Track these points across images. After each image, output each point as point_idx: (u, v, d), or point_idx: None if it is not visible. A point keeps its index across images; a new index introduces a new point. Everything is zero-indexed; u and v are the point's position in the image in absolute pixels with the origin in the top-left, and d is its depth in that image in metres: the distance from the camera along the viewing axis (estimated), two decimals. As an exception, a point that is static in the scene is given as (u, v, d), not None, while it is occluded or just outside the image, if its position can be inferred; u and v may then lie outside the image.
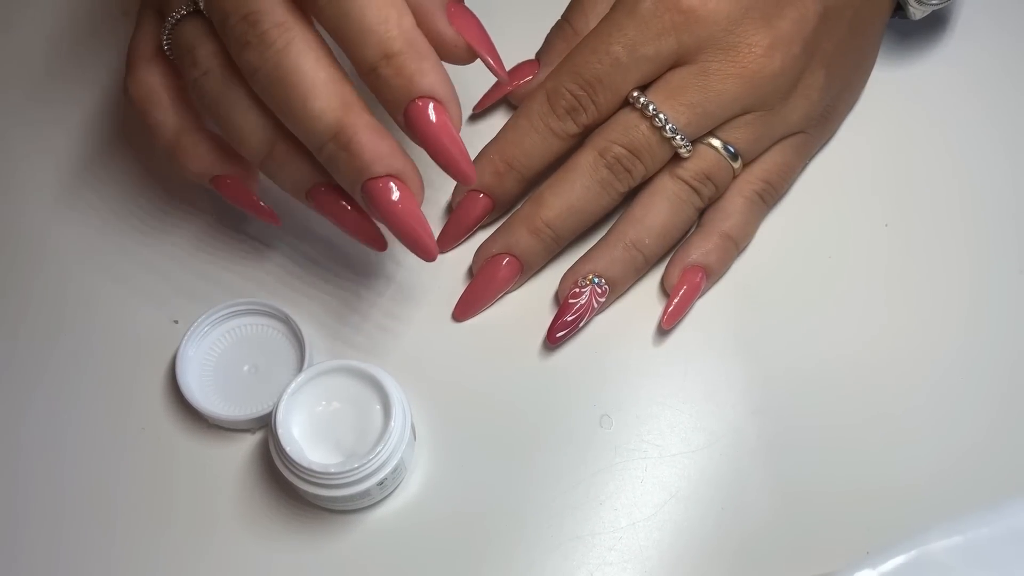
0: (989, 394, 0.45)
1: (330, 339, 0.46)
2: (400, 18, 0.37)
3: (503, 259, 0.45)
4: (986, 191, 0.49)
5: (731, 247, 0.46)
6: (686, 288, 0.45)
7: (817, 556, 0.42)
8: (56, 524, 0.43)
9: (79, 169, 0.49)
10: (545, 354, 0.46)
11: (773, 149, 0.46)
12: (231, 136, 0.40)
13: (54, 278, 0.47)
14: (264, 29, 0.36)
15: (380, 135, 0.38)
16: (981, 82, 0.51)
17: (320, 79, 0.37)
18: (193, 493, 0.43)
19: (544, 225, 0.45)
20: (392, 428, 0.40)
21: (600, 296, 0.45)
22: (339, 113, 0.37)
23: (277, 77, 0.37)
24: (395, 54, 0.37)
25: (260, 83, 0.38)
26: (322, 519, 0.43)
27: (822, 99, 0.46)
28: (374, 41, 0.37)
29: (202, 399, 0.43)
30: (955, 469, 0.44)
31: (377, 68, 0.37)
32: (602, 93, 0.44)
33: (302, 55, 0.37)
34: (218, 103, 0.39)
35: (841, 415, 0.45)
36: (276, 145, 0.39)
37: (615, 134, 0.44)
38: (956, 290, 0.47)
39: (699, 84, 0.44)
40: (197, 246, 0.48)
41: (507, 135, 0.46)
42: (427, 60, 0.38)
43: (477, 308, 0.46)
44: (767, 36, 0.44)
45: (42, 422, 0.45)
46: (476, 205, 0.46)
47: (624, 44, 0.44)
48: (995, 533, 0.33)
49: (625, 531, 0.43)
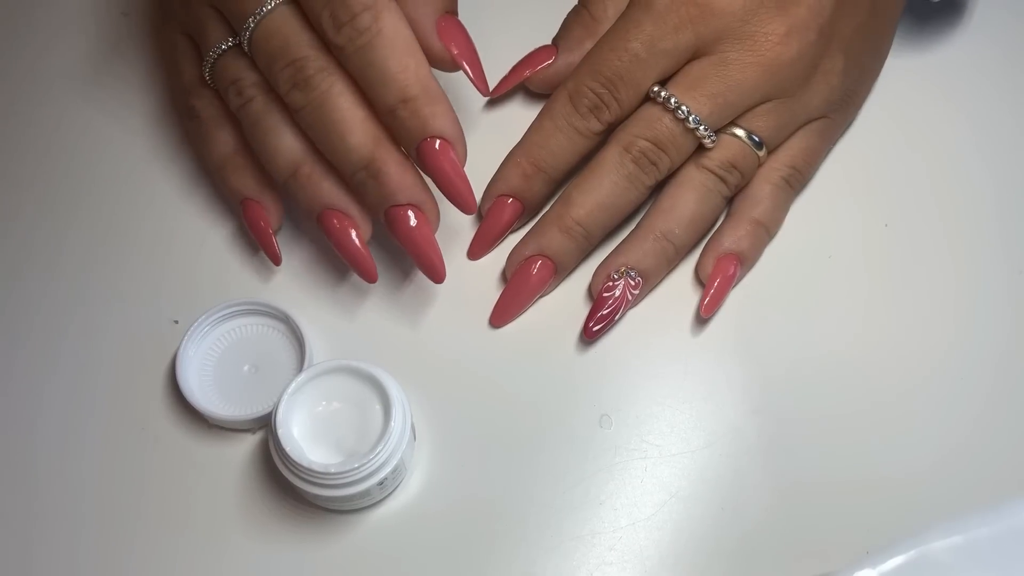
0: (989, 394, 0.45)
1: (330, 339, 0.46)
2: (417, 67, 0.42)
3: (536, 262, 0.46)
4: (986, 191, 0.49)
5: (763, 233, 0.46)
6: (721, 277, 0.45)
7: (817, 556, 0.42)
8: (56, 523, 0.43)
9: (79, 169, 0.49)
10: (545, 354, 0.46)
11: (797, 135, 0.47)
12: (264, 155, 0.44)
13: (54, 278, 0.47)
14: (309, 74, 0.42)
15: (406, 168, 0.43)
16: (981, 82, 0.51)
17: (357, 117, 0.42)
18: (193, 493, 0.43)
19: (575, 224, 0.45)
20: (392, 428, 0.40)
21: (634, 288, 0.45)
22: (372, 147, 0.42)
23: (321, 115, 0.42)
24: (411, 99, 0.42)
25: (305, 119, 0.42)
26: (322, 519, 0.43)
27: (842, 83, 0.47)
28: (395, 87, 0.41)
29: (202, 399, 0.43)
30: (955, 469, 0.44)
31: (395, 110, 0.42)
32: (623, 89, 0.45)
33: (341, 96, 0.42)
34: (257, 126, 0.44)
35: (841, 415, 0.45)
36: (301, 167, 0.43)
37: (639, 128, 0.45)
38: (956, 290, 0.47)
39: (719, 74, 0.44)
40: (197, 246, 0.48)
41: (532, 137, 0.46)
42: (439, 104, 0.42)
43: (514, 313, 0.46)
44: (783, 24, 0.44)
45: (42, 422, 0.45)
46: (505, 210, 0.47)
47: (642, 40, 0.44)
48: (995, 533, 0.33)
49: (625, 531, 0.43)
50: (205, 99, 0.46)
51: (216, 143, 0.46)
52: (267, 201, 0.46)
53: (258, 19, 0.42)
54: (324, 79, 0.42)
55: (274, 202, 0.46)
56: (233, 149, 0.46)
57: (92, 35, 0.52)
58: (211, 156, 0.46)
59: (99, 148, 0.50)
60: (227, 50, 0.44)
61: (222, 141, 0.46)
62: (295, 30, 0.42)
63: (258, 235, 0.46)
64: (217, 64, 0.44)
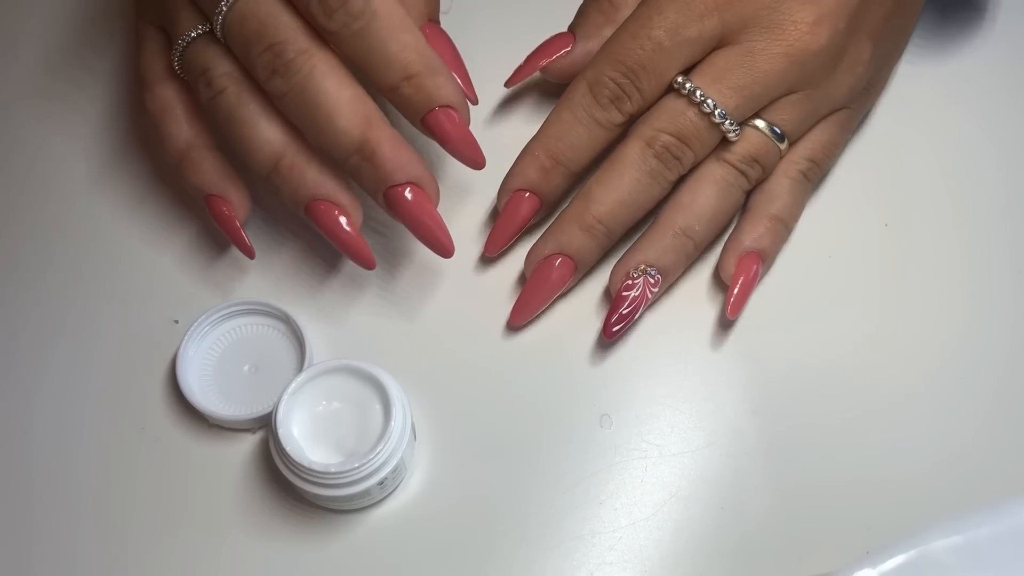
0: (989, 394, 0.45)
1: (330, 339, 0.46)
2: (416, 42, 0.41)
3: (556, 259, 0.45)
4: (986, 191, 0.49)
5: (782, 229, 0.46)
6: (744, 276, 0.45)
7: (817, 556, 0.42)
8: (56, 523, 0.43)
9: (79, 170, 0.49)
10: (545, 354, 0.46)
11: (817, 127, 0.46)
12: (242, 148, 0.42)
13: (55, 278, 0.47)
14: (290, 58, 0.40)
15: (400, 147, 0.41)
16: (980, 82, 0.51)
17: (344, 98, 0.40)
18: (193, 493, 0.43)
19: (596, 221, 0.44)
20: (392, 428, 0.40)
21: (653, 286, 0.44)
22: (363, 128, 0.41)
23: (304, 100, 0.40)
24: (414, 75, 0.41)
25: (288, 105, 0.41)
26: (322, 519, 0.43)
27: (867, 73, 0.46)
28: (397, 66, 0.41)
29: (202, 399, 0.43)
30: (955, 469, 0.44)
31: (398, 88, 0.41)
32: (646, 80, 0.43)
33: (326, 78, 0.40)
34: (232, 119, 0.42)
35: (840, 414, 0.45)
36: (282, 159, 0.42)
37: (662, 122, 0.44)
38: (956, 290, 0.47)
39: (745, 65, 0.43)
40: (197, 246, 0.48)
41: (550, 129, 0.45)
42: (441, 75, 0.41)
43: (533, 312, 0.45)
44: (812, 11, 0.43)
45: (43, 422, 0.45)
46: (523, 205, 0.45)
47: (666, 28, 0.43)
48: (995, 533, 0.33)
49: (625, 531, 0.43)
50: (157, 92, 0.44)
51: (169, 139, 0.44)
52: (231, 194, 0.44)
53: (231, 2, 0.40)
54: (305, 61, 0.40)
55: (238, 193, 0.44)
56: (187, 144, 0.44)
57: (89, 33, 0.52)
58: (166, 153, 0.44)
59: (98, 147, 0.50)
60: (197, 37, 0.42)
61: (175, 136, 0.44)
62: (271, 11, 0.40)
63: (227, 230, 0.44)
64: (186, 53, 0.42)
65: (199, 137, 0.44)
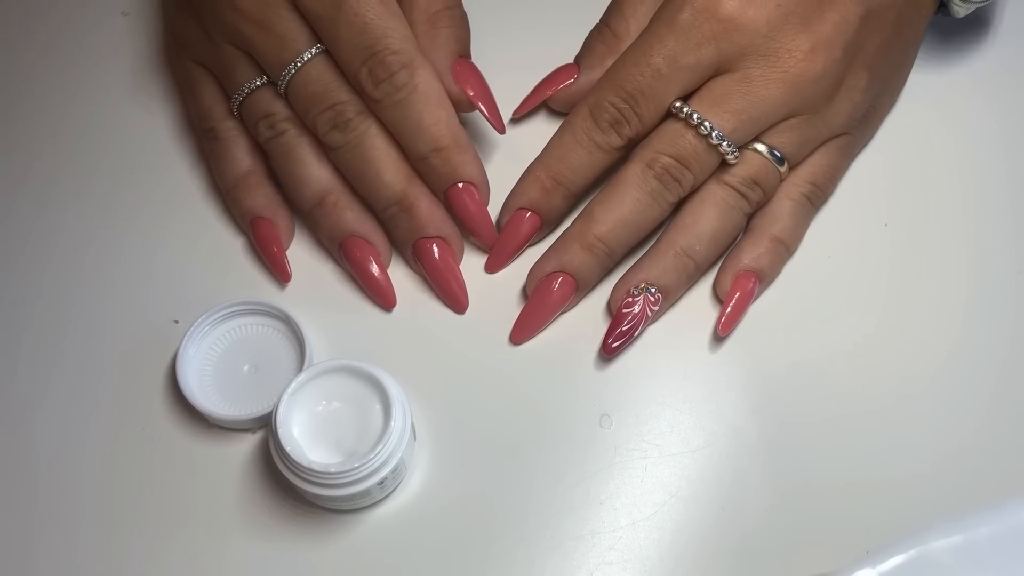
0: (989, 394, 0.45)
1: (330, 339, 0.46)
2: (449, 119, 0.45)
3: (557, 278, 0.45)
4: (986, 191, 0.49)
5: (782, 250, 0.46)
6: (740, 294, 0.45)
7: (817, 555, 0.42)
8: (56, 523, 0.43)
9: (79, 169, 0.49)
10: (545, 354, 0.46)
11: (818, 151, 0.47)
12: (293, 182, 0.46)
13: (54, 277, 0.47)
14: (349, 117, 0.45)
15: (434, 205, 0.46)
16: (980, 83, 0.51)
17: (391, 158, 0.45)
18: (193, 493, 0.43)
19: (597, 240, 0.45)
20: (392, 428, 0.40)
21: (653, 305, 0.45)
22: (405, 184, 0.45)
23: (358, 153, 0.45)
24: (443, 148, 0.45)
25: (341, 156, 0.46)
26: (322, 519, 0.43)
27: (865, 100, 0.46)
28: (428, 137, 0.45)
29: (202, 399, 0.43)
30: (955, 469, 0.44)
31: (428, 158, 0.45)
32: (644, 105, 0.44)
33: (377, 138, 0.45)
34: (288, 156, 0.46)
35: (840, 415, 0.45)
36: (328, 196, 0.46)
37: (661, 144, 0.45)
38: (956, 290, 0.47)
39: (742, 91, 0.44)
40: (197, 246, 0.48)
41: (552, 151, 0.46)
42: (467, 153, 0.46)
43: (534, 330, 0.46)
44: (808, 40, 0.44)
45: (43, 422, 0.45)
46: (524, 223, 0.47)
47: (664, 55, 0.44)
48: (995, 533, 0.33)
49: (625, 531, 0.43)
50: (227, 123, 0.47)
51: (232, 162, 0.47)
52: (279, 219, 0.47)
53: (298, 66, 0.45)
54: (362, 122, 0.45)
55: (286, 220, 0.47)
56: (247, 169, 0.47)
57: (91, 34, 0.52)
58: (226, 174, 0.47)
59: (99, 147, 0.50)
60: (259, 87, 0.46)
61: (239, 160, 0.47)
62: (332, 78, 0.45)
63: (268, 253, 0.47)
64: (248, 99, 0.46)
65: (257, 166, 0.48)
